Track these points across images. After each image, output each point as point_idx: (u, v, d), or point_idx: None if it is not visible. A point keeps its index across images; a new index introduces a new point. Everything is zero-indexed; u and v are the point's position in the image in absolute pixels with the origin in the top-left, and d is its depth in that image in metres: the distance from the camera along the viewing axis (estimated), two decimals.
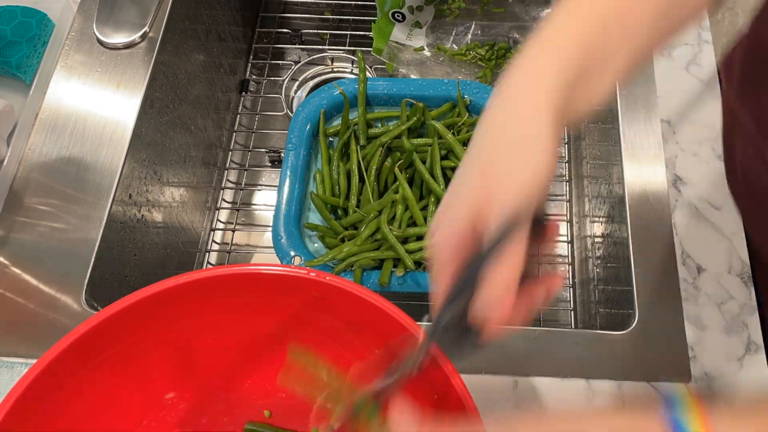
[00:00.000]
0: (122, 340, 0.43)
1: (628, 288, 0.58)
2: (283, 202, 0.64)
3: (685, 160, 0.63)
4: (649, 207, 0.61)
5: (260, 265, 0.43)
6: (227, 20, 0.87)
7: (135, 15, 0.70)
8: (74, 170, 0.63)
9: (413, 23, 0.84)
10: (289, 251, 0.62)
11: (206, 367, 0.49)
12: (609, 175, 0.67)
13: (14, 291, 0.58)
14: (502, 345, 0.55)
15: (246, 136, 0.90)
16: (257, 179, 0.89)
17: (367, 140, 0.69)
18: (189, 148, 0.78)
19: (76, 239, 0.60)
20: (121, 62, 0.69)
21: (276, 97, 0.89)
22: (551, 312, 0.79)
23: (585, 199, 0.77)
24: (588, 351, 0.55)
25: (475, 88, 0.69)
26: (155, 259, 0.71)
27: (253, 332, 0.48)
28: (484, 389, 0.53)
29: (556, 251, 0.83)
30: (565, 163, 0.86)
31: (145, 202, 0.68)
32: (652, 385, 0.53)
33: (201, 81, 0.80)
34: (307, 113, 0.69)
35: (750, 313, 0.56)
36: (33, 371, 0.38)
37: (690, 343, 0.55)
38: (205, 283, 0.42)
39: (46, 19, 0.76)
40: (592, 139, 0.76)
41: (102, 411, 0.44)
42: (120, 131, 0.65)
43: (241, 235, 0.85)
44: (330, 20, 0.97)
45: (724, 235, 0.60)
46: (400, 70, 0.84)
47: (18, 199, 0.62)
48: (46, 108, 0.66)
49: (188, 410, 0.49)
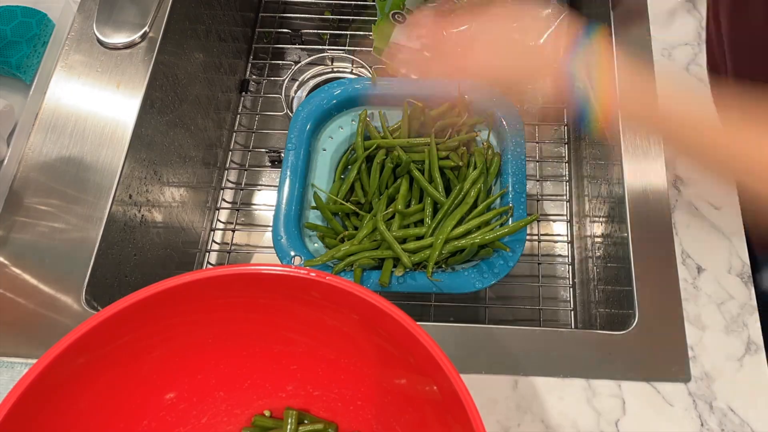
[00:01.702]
0: (122, 341, 0.43)
1: (628, 288, 0.58)
2: (283, 202, 0.64)
3: (685, 160, 0.63)
4: (649, 207, 0.61)
5: (260, 265, 0.43)
6: (227, 20, 0.87)
7: (135, 15, 0.70)
8: (74, 170, 0.63)
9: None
10: (289, 251, 0.62)
11: (206, 367, 0.49)
12: (609, 175, 0.67)
13: (14, 291, 0.58)
14: (502, 345, 0.55)
15: (246, 136, 0.90)
16: (257, 179, 0.89)
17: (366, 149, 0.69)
18: (189, 148, 0.78)
19: (76, 239, 0.60)
20: (121, 62, 0.69)
21: (276, 97, 0.89)
22: (551, 312, 0.79)
23: (585, 199, 0.77)
24: (588, 351, 0.55)
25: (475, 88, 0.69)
26: (155, 259, 0.71)
27: (253, 332, 0.48)
28: (484, 389, 0.53)
29: (556, 251, 0.83)
30: (565, 163, 0.86)
31: (145, 202, 0.68)
32: (652, 384, 0.53)
33: (201, 81, 0.80)
34: (307, 113, 0.69)
35: (750, 313, 0.56)
36: (33, 371, 0.38)
37: (690, 343, 0.55)
38: (205, 283, 0.42)
39: (46, 19, 0.76)
40: (592, 139, 0.76)
41: (102, 411, 0.44)
42: (120, 131, 0.65)
43: (241, 235, 0.85)
44: (330, 20, 0.97)
45: (724, 235, 0.60)
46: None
47: (18, 199, 0.62)
48: (46, 108, 0.66)
49: (188, 410, 0.49)
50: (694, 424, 0.52)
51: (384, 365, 0.47)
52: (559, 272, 0.82)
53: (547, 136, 0.88)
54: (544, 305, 0.78)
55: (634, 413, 0.52)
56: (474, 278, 0.60)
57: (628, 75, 0.50)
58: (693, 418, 0.52)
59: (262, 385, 0.51)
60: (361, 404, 0.50)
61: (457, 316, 0.78)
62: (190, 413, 0.49)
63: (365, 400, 0.49)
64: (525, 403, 0.53)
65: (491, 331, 0.56)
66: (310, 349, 0.49)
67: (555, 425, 0.52)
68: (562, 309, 0.79)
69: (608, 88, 0.49)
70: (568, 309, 0.78)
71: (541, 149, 0.87)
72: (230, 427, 0.51)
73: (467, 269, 0.61)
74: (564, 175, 0.85)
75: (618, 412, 0.53)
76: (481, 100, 0.68)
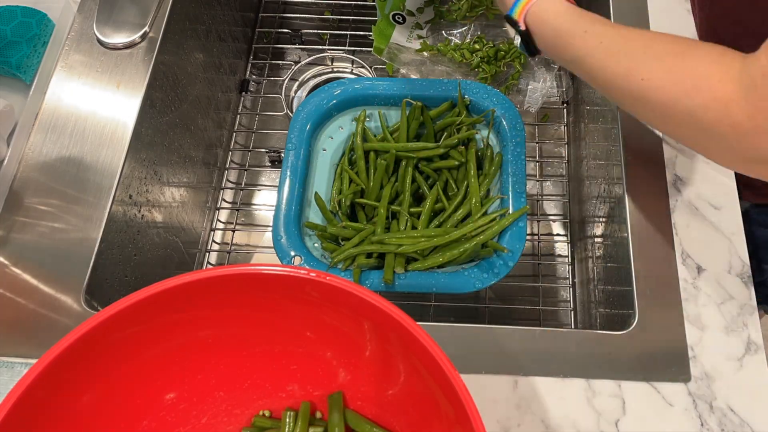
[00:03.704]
0: (122, 341, 0.43)
1: (628, 288, 0.58)
2: (283, 202, 0.64)
3: (685, 160, 0.64)
4: (649, 207, 0.61)
5: (260, 265, 0.43)
6: (227, 20, 0.87)
7: (135, 15, 0.70)
8: (74, 170, 0.63)
9: (414, 25, 0.84)
10: (289, 251, 0.62)
11: (206, 367, 0.49)
12: (609, 175, 0.67)
13: (14, 291, 0.58)
14: (502, 345, 0.55)
15: (246, 136, 0.90)
16: (257, 179, 0.89)
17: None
18: (189, 148, 0.78)
19: (76, 239, 0.60)
20: (121, 62, 0.69)
21: (276, 97, 0.89)
22: (551, 312, 0.79)
23: (585, 199, 0.77)
24: (588, 351, 0.55)
25: (475, 88, 0.69)
26: (155, 259, 0.71)
27: (253, 332, 0.48)
28: (484, 389, 0.53)
29: (556, 251, 0.83)
30: (565, 163, 0.86)
31: (145, 202, 0.68)
32: (652, 385, 0.53)
33: (201, 81, 0.80)
34: (307, 113, 0.69)
35: (750, 313, 0.56)
36: (33, 371, 0.38)
37: (690, 343, 0.55)
38: (205, 283, 0.42)
39: (46, 19, 0.76)
40: (592, 139, 0.76)
41: (102, 411, 0.44)
42: (120, 131, 0.65)
43: (241, 235, 0.85)
44: (330, 20, 0.97)
45: (724, 235, 0.60)
46: (400, 70, 0.84)
47: (18, 199, 0.62)
48: (46, 108, 0.66)
49: (188, 410, 0.49)
50: (694, 424, 0.52)
51: (384, 365, 0.47)
52: (559, 272, 0.82)
53: (547, 136, 0.88)
54: (544, 305, 0.78)
55: (634, 413, 0.52)
56: (474, 278, 0.60)
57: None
58: (693, 418, 0.52)
59: (262, 385, 0.51)
60: (361, 404, 0.50)
61: (457, 316, 0.78)
62: (190, 413, 0.49)
63: (365, 400, 0.49)
64: (525, 403, 0.53)
65: (491, 331, 0.56)
66: (310, 349, 0.49)
67: (555, 425, 0.52)
68: (562, 309, 0.79)
69: None
70: (568, 309, 0.78)
71: (541, 149, 0.87)
72: (230, 427, 0.51)
73: (467, 269, 0.61)
74: (564, 175, 0.85)
75: (618, 412, 0.53)
76: (481, 99, 0.68)
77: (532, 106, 0.81)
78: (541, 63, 0.82)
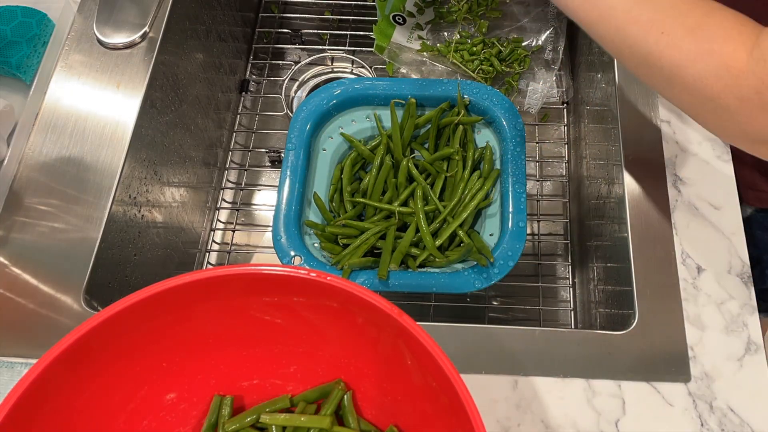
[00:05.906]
0: (122, 341, 0.43)
1: (628, 288, 0.58)
2: (283, 202, 0.64)
3: (685, 160, 0.64)
4: (649, 207, 0.61)
5: (260, 265, 0.43)
6: (227, 20, 0.87)
7: (135, 15, 0.70)
8: (74, 170, 0.63)
9: (414, 25, 0.85)
10: (289, 251, 0.62)
11: (206, 367, 0.49)
12: (609, 175, 0.67)
13: (14, 291, 0.58)
14: (502, 345, 0.55)
15: (246, 136, 0.90)
16: (257, 179, 0.89)
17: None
18: (189, 148, 0.78)
19: (76, 239, 0.60)
20: (121, 62, 0.69)
21: (276, 97, 0.89)
22: (551, 312, 0.79)
23: (585, 199, 0.77)
24: (588, 351, 0.55)
25: (475, 88, 0.69)
26: (155, 259, 0.71)
27: (253, 332, 0.48)
28: (484, 389, 0.53)
29: (556, 251, 0.83)
30: (565, 163, 0.86)
31: (145, 202, 0.68)
32: (652, 385, 0.53)
33: (201, 81, 0.80)
34: (307, 113, 0.69)
35: (750, 313, 0.56)
36: (33, 371, 0.38)
37: (690, 343, 0.55)
38: (205, 283, 0.42)
39: (46, 19, 0.76)
40: (592, 139, 0.76)
41: (102, 411, 0.44)
42: (120, 131, 0.65)
43: (241, 235, 0.85)
44: (330, 20, 0.97)
45: (724, 235, 0.60)
46: (400, 70, 0.84)
47: (18, 199, 0.62)
48: (46, 108, 0.66)
49: (188, 410, 0.49)
50: (694, 424, 0.52)
51: (384, 365, 0.47)
52: (559, 272, 0.82)
53: (547, 136, 0.88)
54: (544, 305, 0.78)
55: (634, 413, 0.52)
56: (474, 278, 0.60)
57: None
58: (693, 418, 0.52)
59: (262, 385, 0.51)
60: (361, 404, 0.50)
61: (457, 316, 0.78)
62: (190, 413, 0.49)
63: (365, 400, 0.49)
64: (525, 403, 0.53)
65: (491, 331, 0.56)
66: (310, 349, 0.49)
67: (555, 425, 0.52)
68: (562, 309, 0.79)
69: None
70: (568, 309, 0.78)
71: (541, 149, 0.87)
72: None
73: (467, 269, 0.61)
74: (564, 175, 0.85)
75: (618, 412, 0.53)
76: (481, 99, 0.68)
77: (532, 107, 0.81)
78: (541, 64, 0.82)
